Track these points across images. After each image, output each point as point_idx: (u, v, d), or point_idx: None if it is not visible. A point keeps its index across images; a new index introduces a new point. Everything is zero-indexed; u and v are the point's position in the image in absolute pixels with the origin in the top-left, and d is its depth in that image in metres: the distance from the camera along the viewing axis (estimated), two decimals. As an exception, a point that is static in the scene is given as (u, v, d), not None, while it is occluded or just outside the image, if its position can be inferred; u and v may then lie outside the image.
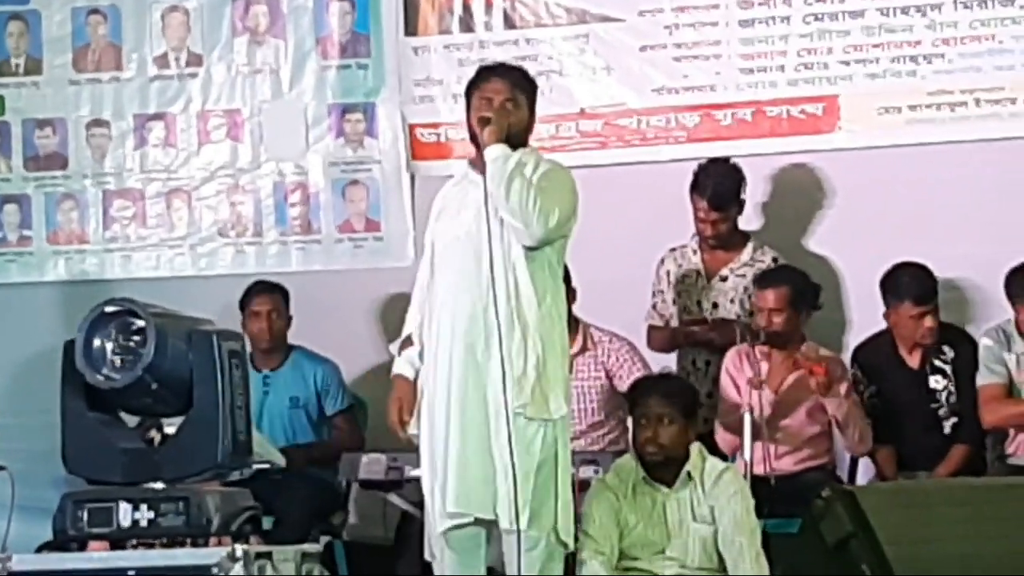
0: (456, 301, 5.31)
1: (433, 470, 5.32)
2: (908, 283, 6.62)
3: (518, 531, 5.17)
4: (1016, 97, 7.05)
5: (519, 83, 5.46)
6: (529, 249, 5.28)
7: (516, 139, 5.37)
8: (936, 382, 6.68)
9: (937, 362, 6.69)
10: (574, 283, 6.57)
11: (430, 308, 5.40)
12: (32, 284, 7.85)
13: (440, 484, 5.28)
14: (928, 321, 6.62)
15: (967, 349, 6.61)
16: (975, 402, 6.52)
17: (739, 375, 6.53)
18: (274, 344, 7.13)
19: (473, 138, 5.42)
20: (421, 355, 5.43)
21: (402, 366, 5.49)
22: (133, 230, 7.82)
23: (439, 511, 5.29)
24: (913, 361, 6.72)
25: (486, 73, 5.49)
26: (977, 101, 7.09)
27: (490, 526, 5.30)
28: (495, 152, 5.29)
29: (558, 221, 5.28)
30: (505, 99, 5.38)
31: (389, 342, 5.79)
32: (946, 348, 6.68)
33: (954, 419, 6.63)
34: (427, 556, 5.41)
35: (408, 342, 5.48)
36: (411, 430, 5.42)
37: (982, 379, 6.48)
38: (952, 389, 6.65)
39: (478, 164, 5.39)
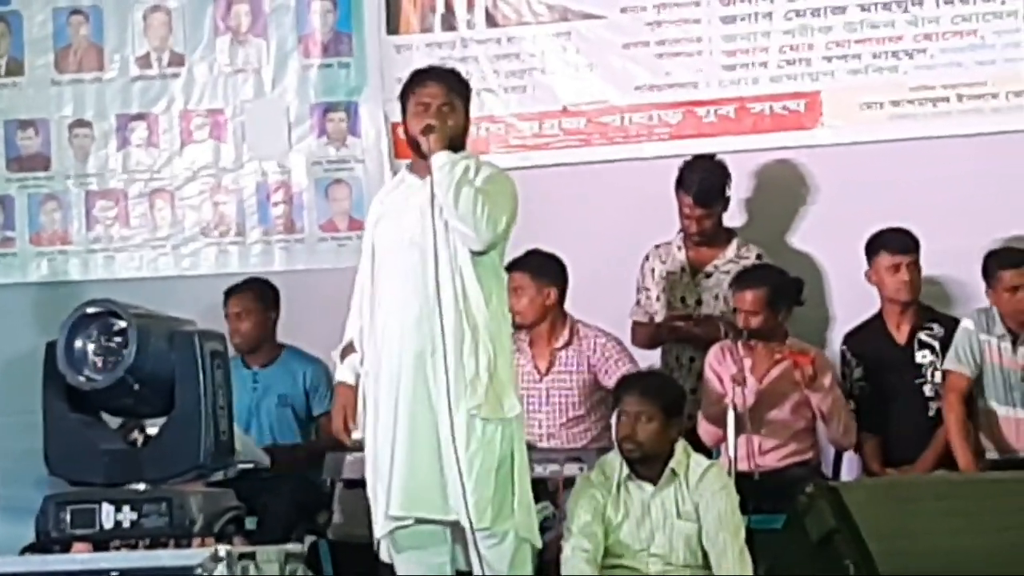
0: (402, 305, 5.29)
1: (376, 474, 5.30)
2: (885, 237, 6.69)
3: (472, 526, 5.17)
4: (998, 92, 7.06)
5: (454, 87, 5.43)
6: (475, 253, 5.28)
7: (455, 142, 5.35)
8: (923, 356, 6.69)
9: (925, 336, 6.70)
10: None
11: (372, 313, 5.37)
12: (14, 285, 7.82)
13: (384, 487, 5.26)
14: (904, 274, 6.66)
15: (956, 330, 6.62)
16: None
17: (722, 370, 6.53)
18: (256, 343, 7.10)
19: (410, 140, 5.40)
20: (363, 361, 5.39)
21: (344, 373, 5.46)
22: (116, 231, 7.80)
23: (382, 513, 5.27)
24: (901, 336, 6.74)
25: (420, 77, 5.45)
26: (959, 96, 7.10)
27: (454, 527, 5.29)
28: (442, 159, 5.26)
29: (505, 226, 5.30)
30: (441, 103, 5.35)
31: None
32: (935, 325, 6.70)
33: (939, 401, 6.63)
34: (383, 557, 5.40)
35: (350, 348, 5.45)
36: (356, 435, 5.40)
37: (949, 364, 6.52)
38: (938, 365, 6.64)
39: (417, 168, 5.39)
